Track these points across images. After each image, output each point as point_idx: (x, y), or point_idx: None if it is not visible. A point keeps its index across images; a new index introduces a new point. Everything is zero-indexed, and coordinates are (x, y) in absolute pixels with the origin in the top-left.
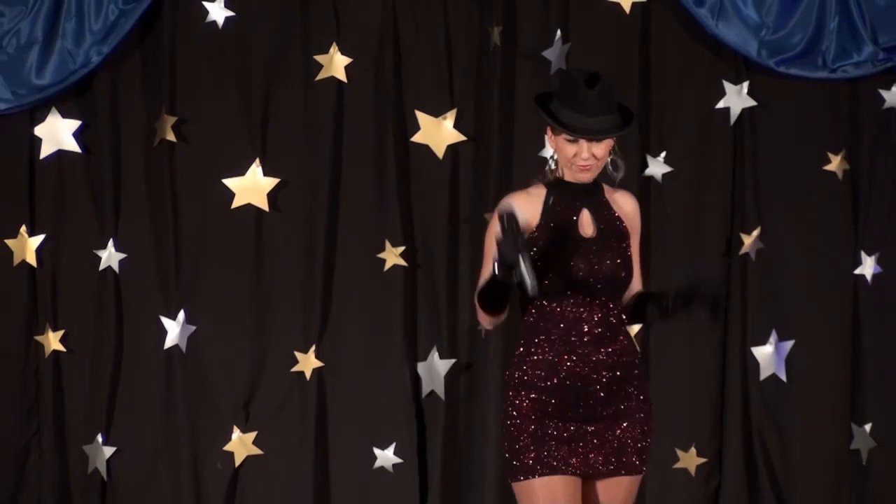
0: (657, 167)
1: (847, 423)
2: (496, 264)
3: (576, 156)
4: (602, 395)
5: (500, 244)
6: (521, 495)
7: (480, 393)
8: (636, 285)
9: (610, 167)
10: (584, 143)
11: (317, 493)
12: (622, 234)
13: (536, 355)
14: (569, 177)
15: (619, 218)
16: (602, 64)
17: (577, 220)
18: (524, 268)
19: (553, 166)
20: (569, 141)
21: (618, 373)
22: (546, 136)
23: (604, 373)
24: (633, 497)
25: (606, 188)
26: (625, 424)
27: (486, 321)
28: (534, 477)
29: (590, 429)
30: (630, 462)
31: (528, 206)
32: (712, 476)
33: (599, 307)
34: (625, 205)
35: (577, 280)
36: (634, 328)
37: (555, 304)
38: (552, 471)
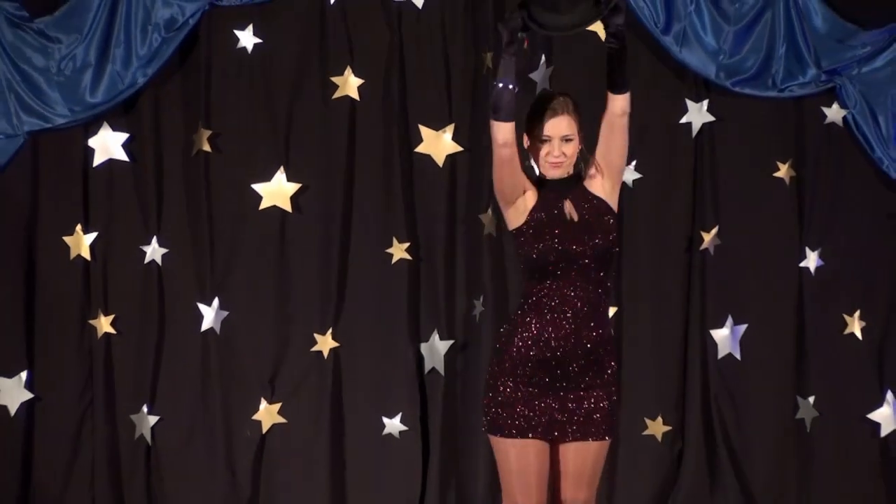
0: (629, 174)
1: (793, 396)
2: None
3: (548, 154)
4: (577, 369)
5: (504, 24)
6: (497, 449)
7: (475, 370)
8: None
9: (582, 165)
10: (555, 142)
11: (333, 456)
12: (602, 211)
13: (526, 330)
14: (548, 174)
15: (596, 197)
16: (581, 84)
17: (562, 209)
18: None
19: (536, 170)
20: (542, 142)
21: (595, 349)
22: (524, 138)
23: (582, 349)
24: (601, 461)
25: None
26: (595, 395)
27: (499, 132)
28: (509, 436)
29: (564, 397)
30: (598, 429)
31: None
32: (676, 442)
33: (589, 285)
34: (595, 181)
35: (572, 258)
36: (612, 310)
37: (550, 282)
38: (524, 433)
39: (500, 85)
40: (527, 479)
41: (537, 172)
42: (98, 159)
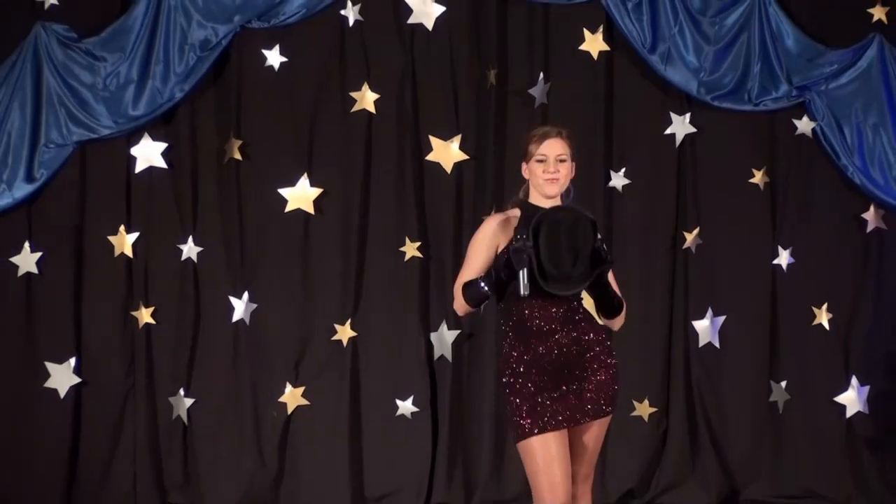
0: (618, 180)
1: (766, 381)
2: (503, 264)
3: (544, 171)
4: (572, 365)
5: (514, 251)
6: (524, 453)
7: (479, 357)
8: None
9: (564, 196)
10: (550, 161)
11: (351, 435)
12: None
13: (517, 351)
14: (537, 200)
15: None
16: (575, 99)
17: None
18: (523, 275)
19: (522, 195)
20: (539, 161)
21: (583, 346)
22: (522, 168)
23: (572, 349)
24: (603, 436)
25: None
26: (595, 380)
27: (462, 311)
28: (532, 436)
29: (570, 388)
30: (600, 409)
31: (506, 225)
32: (661, 422)
33: (566, 303)
34: None
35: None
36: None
37: (531, 301)
38: (543, 429)
39: (486, 289)
40: (552, 473)
41: (522, 196)
42: (139, 166)
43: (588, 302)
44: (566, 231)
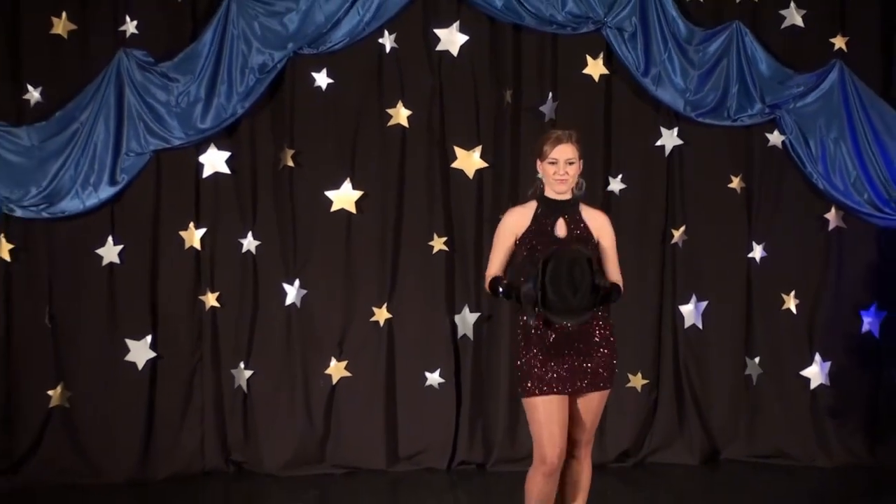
0: (616, 185)
1: (742, 357)
2: (515, 298)
3: (555, 172)
4: (578, 340)
5: (524, 296)
6: (529, 408)
7: (496, 335)
8: (613, 276)
9: (576, 189)
10: (560, 164)
11: (387, 402)
12: (586, 237)
13: (534, 317)
14: (551, 194)
15: (586, 226)
16: (579, 114)
17: (554, 225)
18: (531, 312)
19: (541, 185)
20: (551, 164)
21: (586, 326)
22: (537, 164)
23: (581, 330)
24: (602, 406)
25: (583, 206)
26: (597, 356)
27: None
28: (540, 395)
29: (573, 362)
30: (600, 382)
31: (522, 215)
32: (652, 392)
33: None
34: (596, 218)
35: None
36: None
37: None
38: (549, 391)
39: (502, 296)
40: (552, 429)
41: (541, 187)
42: (206, 172)
43: None
44: (567, 271)
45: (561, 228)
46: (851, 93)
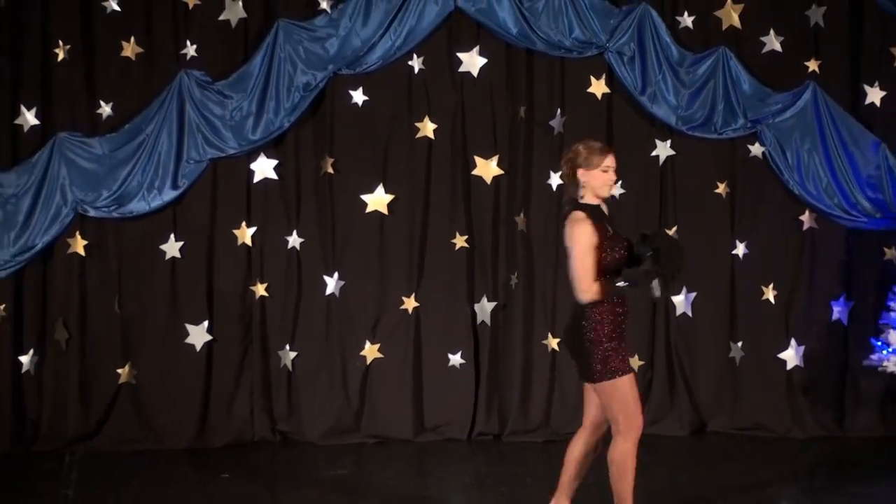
0: (616, 190)
1: (727, 341)
2: (635, 282)
3: (609, 178)
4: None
5: (644, 273)
6: (617, 388)
7: (510, 322)
8: None
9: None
10: (611, 171)
11: (414, 380)
12: (622, 237)
13: (607, 307)
14: (592, 200)
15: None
16: (584, 128)
17: (606, 227)
18: (655, 286)
19: (581, 194)
20: (603, 171)
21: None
22: (579, 173)
23: (628, 314)
24: None
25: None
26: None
27: (595, 294)
28: (626, 374)
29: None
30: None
31: (591, 226)
32: (647, 372)
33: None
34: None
35: (622, 265)
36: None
37: (610, 276)
38: (629, 371)
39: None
40: (637, 403)
41: (581, 196)
42: (257, 178)
43: None
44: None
45: (612, 231)
46: (823, 110)
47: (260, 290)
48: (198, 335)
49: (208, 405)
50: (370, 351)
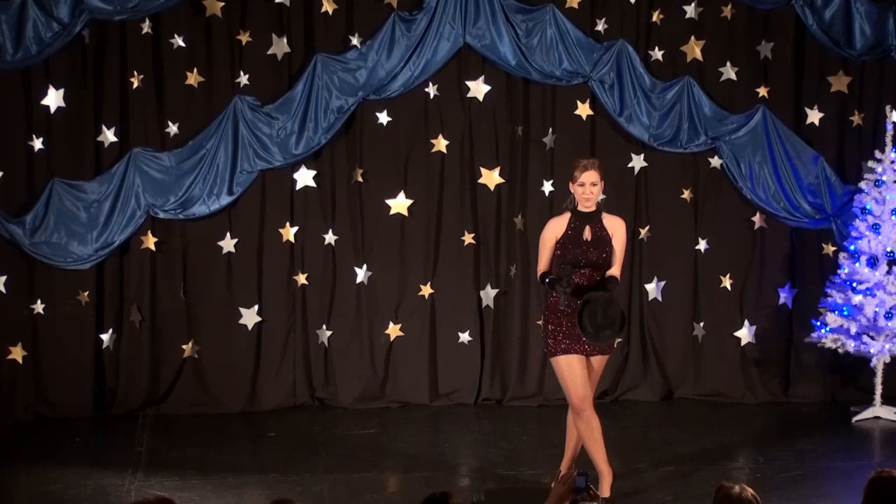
0: (600, 196)
1: (691, 322)
2: (556, 290)
3: (582, 193)
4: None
5: (563, 295)
6: (559, 365)
7: (510, 306)
8: (614, 271)
9: (600, 202)
10: (586, 186)
11: (430, 354)
12: (605, 240)
13: (559, 296)
14: (580, 207)
15: (606, 231)
16: (572, 144)
17: (582, 231)
18: (564, 298)
19: (574, 203)
20: (580, 186)
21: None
22: (570, 185)
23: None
24: (603, 367)
25: (605, 215)
26: None
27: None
28: (563, 354)
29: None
30: (606, 349)
31: (559, 224)
32: (625, 347)
33: (591, 273)
34: (613, 223)
35: (580, 260)
36: None
37: (578, 271)
38: (571, 351)
39: (564, 289)
40: (575, 378)
41: (574, 203)
42: (298, 185)
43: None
44: (602, 308)
45: (587, 233)
46: (772, 128)
47: (301, 279)
48: (249, 317)
49: (258, 375)
50: (393, 330)
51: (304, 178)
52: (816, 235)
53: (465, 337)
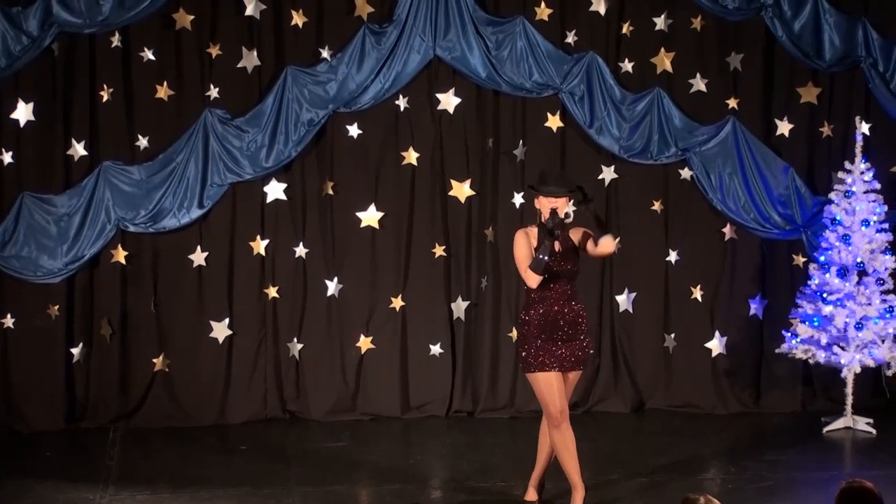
0: (569, 208)
1: (662, 333)
2: (545, 225)
3: (549, 208)
4: (566, 329)
5: (551, 216)
6: (537, 381)
7: (481, 319)
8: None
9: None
10: (553, 201)
11: (401, 367)
12: (573, 251)
13: (534, 311)
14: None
15: (572, 241)
16: (542, 156)
17: (553, 244)
18: (544, 251)
19: (540, 218)
20: (546, 200)
21: (574, 318)
22: (536, 202)
23: (567, 318)
24: (577, 380)
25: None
26: (578, 343)
27: (535, 283)
28: (541, 371)
29: (563, 346)
30: (582, 363)
31: (530, 233)
32: (596, 358)
33: (563, 286)
34: (575, 233)
35: (555, 271)
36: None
37: (544, 284)
38: (549, 368)
39: (543, 257)
40: (553, 394)
41: (540, 219)
42: (269, 198)
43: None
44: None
45: (556, 245)
46: (741, 140)
47: (272, 292)
48: (220, 330)
49: (229, 388)
50: (364, 343)
51: (275, 191)
52: (787, 246)
53: (436, 349)
